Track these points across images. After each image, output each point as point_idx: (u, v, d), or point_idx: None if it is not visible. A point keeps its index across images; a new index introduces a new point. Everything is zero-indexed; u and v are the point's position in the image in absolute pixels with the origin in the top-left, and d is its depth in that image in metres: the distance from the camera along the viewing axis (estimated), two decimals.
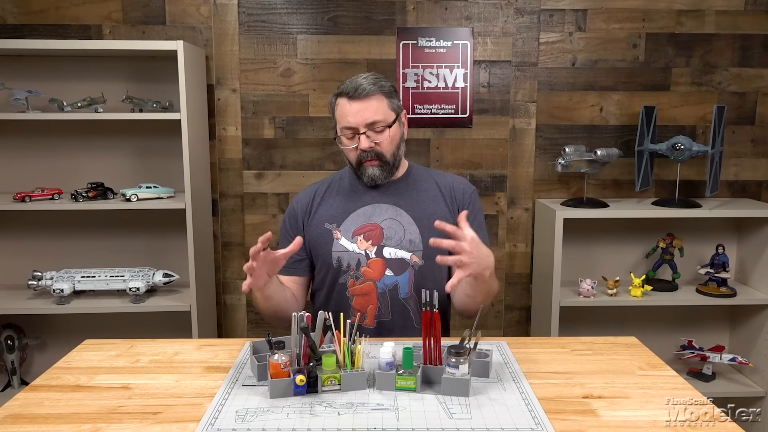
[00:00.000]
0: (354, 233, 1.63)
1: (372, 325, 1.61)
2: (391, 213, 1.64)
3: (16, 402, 1.22)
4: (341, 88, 1.59)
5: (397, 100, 1.63)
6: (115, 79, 2.46)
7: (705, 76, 2.57)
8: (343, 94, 1.58)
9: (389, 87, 1.61)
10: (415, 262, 1.62)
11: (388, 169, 1.63)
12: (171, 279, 2.38)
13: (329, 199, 1.69)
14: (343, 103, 1.58)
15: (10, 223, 2.54)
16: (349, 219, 1.64)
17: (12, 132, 2.48)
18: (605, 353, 1.47)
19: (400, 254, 1.61)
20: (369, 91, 1.56)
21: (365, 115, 1.56)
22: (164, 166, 2.51)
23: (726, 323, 2.69)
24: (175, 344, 1.52)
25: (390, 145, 1.60)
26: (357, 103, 1.56)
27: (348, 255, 1.62)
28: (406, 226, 1.63)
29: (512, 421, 1.13)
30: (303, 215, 1.69)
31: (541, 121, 2.58)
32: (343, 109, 1.58)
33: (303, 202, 1.71)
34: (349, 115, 1.57)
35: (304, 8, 2.49)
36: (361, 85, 1.56)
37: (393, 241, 1.62)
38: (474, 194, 1.71)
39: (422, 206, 1.65)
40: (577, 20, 2.53)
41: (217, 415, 1.15)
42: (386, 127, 1.59)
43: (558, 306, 2.37)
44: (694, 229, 2.60)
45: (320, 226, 1.65)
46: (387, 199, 1.66)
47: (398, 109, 1.63)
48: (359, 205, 1.65)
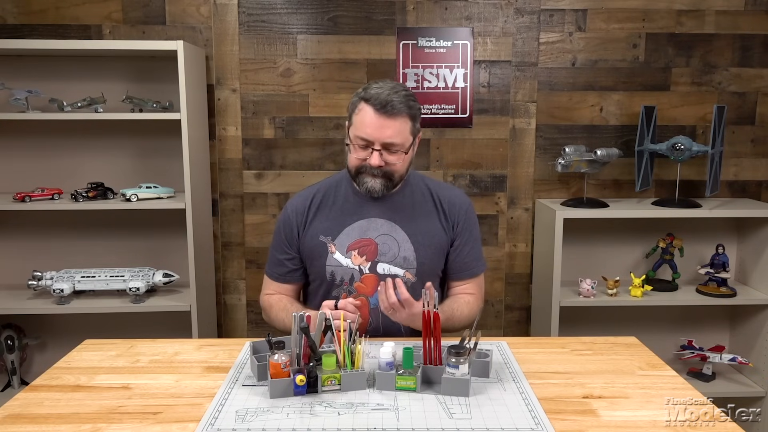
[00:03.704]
0: (349, 248, 1.62)
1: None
2: (386, 228, 1.63)
3: (16, 402, 1.22)
4: (370, 93, 1.51)
5: (419, 123, 1.59)
6: (115, 79, 2.46)
7: (705, 76, 2.57)
8: (370, 102, 1.50)
9: (417, 109, 1.56)
10: (408, 279, 1.61)
11: (390, 186, 1.59)
12: (171, 279, 2.38)
13: (325, 209, 1.66)
14: (367, 110, 1.50)
15: (10, 223, 2.54)
16: (344, 233, 1.63)
17: (12, 132, 2.48)
18: (605, 353, 1.47)
19: (394, 271, 1.61)
20: (398, 110, 1.49)
21: (386, 133, 1.50)
22: (164, 166, 2.51)
23: (726, 323, 2.69)
24: (175, 344, 1.52)
25: (401, 167, 1.58)
26: (382, 119, 1.49)
27: (342, 270, 1.62)
28: (401, 242, 1.62)
29: (512, 421, 1.13)
30: (298, 224, 1.66)
31: (541, 121, 2.58)
32: (364, 118, 1.51)
33: (298, 210, 1.67)
34: (368, 128, 1.50)
35: (304, 8, 2.49)
36: (392, 101, 1.49)
37: (387, 257, 1.61)
38: (470, 209, 1.70)
39: (417, 222, 1.64)
40: (577, 20, 2.53)
41: (217, 415, 1.16)
42: (402, 152, 1.55)
43: (558, 306, 2.37)
44: (694, 229, 2.60)
45: (315, 238, 1.64)
46: (383, 214, 1.63)
47: (417, 132, 1.59)
48: (354, 219, 1.63)
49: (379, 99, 1.49)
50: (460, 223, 1.67)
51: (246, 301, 2.67)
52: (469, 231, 1.67)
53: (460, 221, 1.67)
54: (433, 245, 1.63)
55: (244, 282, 2.65)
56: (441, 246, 1.65)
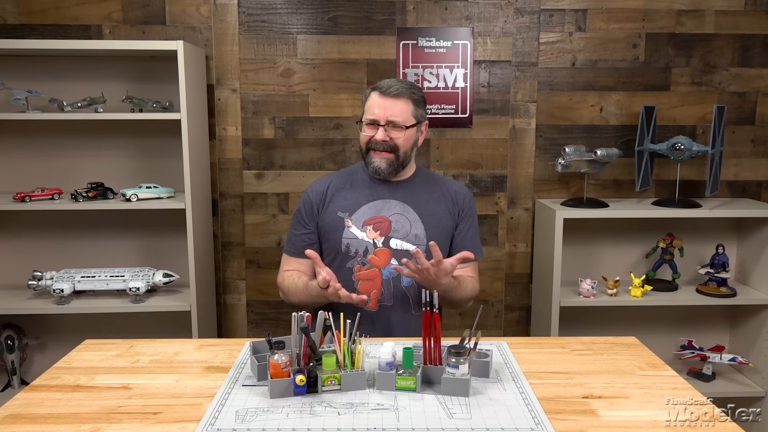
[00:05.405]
0: (364, 223, 1.75)
1: (374, 308, 1.72)
2: (399, 209, 1.77)
3: (16, 402, 1.22)
4: (377, 83, 1.75)
5: (423, 110, 1.77)
6: (115, 79, 2.46)
7: (705, 76, 2.57)
8: (377, 89, 1.73)
9: (419, 96, 1.76)
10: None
11: (395, 166, 1.74)
12: (171, 279, 2.38)
13: (343, 191, 1.81)
14: (374, 96, 1.73)
15: (10, 223, 2.54)
16: (361, 210, 1.77)
17: (12, 132, 2.48)
18: (605, 353, 1.47)
19: (406, 246, 1.73)
20: (400, 92, 1.71)
21: (389, 111, 1.70)
22: (164, 166, 2.51)
23: (726, 323, 2.69)
24: (175, 344, 1.52)
25: (404, 143, 1.73)
26: (386, 100, 1.71)
27: (357, 242, 1.74)
28: (413, 222, 1.76)
29: (512, 421, 1.13)
30: (318, 203, 1.80)
31: (541, 121, 2.58)
32: (372, 102, 1.73)
33: (318, 191, 1.82)
34: (375, 108, 1.71)
35: (304, 8, 2.49)
36: (394, 85, 1.72)
37: (400, 233, 1.75)
38: (471, 200, 1.87)
39: (427, 206, 1.79)
40: (577, 20, 2.53)
41: (217, 415, 1.16)
42: (404, 128, 1.71)
43: (558, 306, 2.37)
44: (694, 229, 2.60)
45: (333, 214, 1.78)
46: (397, 195, 1.79)
47: (421, 117, 1.77)
48: (371, 199, 1.78)
49: (384, 85, 1.73)
50: (465, 210, 1.83)
51: (246, 301, 2.67)
52: (472, 218, 1.85)
53: (465, 209, 1.83)
54: (441, 227, 1.78)
55: (244, 282, 2.65)
56: (447, 230, 1.80)
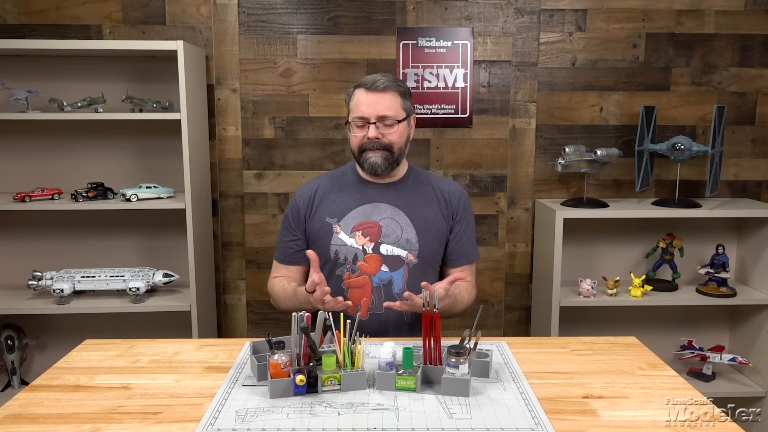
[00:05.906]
0: (353, 229, 1.70)
1: (365, 317, 1.67)
2: (389, 213, 1.71)
3: (16, 402, 1.22)
4: (360, 80, 1.69)
5: (410, 102, 1.72)
6: (115, 79, 2.46)
7: (705, 76, 2.57)
8: (361, 86, 1.67)
9: (405, 88, 1.71)
10: (410, 260, 1.69)
11: (391, 161, 1.69)
12: (171, 279, 2.38)
13: (331, 195, 1.75)
14: (359, 93, 1.67)
15: (10, 223, 2.54)
16: (350, 215, 1.71)
17: (12, 132, 2.47)
18: (605, 353, 1.47)
19: (397, 252, 1.69)
20: (386, 86, 1.65)
21: (378, 107, 1.64)
22: (164, 166, 2.51)
23: (726, 323, 2.69)
24: (175, 344, 1.52)
25: (398, 139, 1.68)
26: (372, 96, 1.65)
27: (346, 249, 1.69)
28: (404, 226, 1.71)
29: (512, 421, 1.13)
30: (305, 209, 1.76)
31: (541, 121, 2.58)
32: (358, 99, 1.67)
33: (305, 195, 1.77)
34: (363, 105, 1.65)
35: (304, 8, 2.49)
36: (379, 80, 1.66)
37: (390, 239, 1.70)
38: (467, 201, 1.82)
39: (419, 209, 1.73)
40: (577, 20, 2.53)
41: (217, 415, 1.16)
42: (396, 122, 1.66)
43: (558, 306, 2.37)
44: (694, 229, 2.60)
45: (321, 220, 1.72)
46: (387, 199, 1.73)
47: (409, 110, 1.72)
48: (360, 203, 1.72)
49: (368, 80, 1.67)
50: (459, 212, 1.77)
51: (246, 301, 2.67)
52: (467, 220, 1.79)
53: (459, 210, 1.78)
54: (434, 231, 1.73)
55: (244, 282, 2.65)
56: (441, 233, 1.74)
